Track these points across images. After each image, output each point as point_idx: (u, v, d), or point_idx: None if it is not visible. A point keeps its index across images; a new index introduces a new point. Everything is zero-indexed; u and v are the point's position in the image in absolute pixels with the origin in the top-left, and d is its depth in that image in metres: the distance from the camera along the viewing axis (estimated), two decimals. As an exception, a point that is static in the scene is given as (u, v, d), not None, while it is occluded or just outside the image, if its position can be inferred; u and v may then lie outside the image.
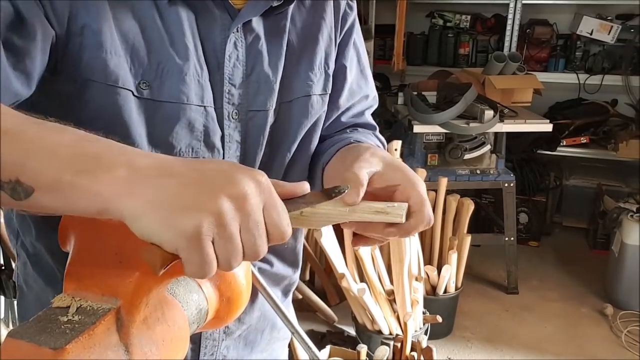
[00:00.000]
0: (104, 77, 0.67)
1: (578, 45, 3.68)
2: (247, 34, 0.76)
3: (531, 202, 3.61)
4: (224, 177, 0.49)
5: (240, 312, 0.67)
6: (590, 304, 2.96)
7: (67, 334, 0.46)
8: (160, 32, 0.69)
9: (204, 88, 0.73)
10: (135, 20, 0.68)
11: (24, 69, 0.62)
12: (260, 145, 0.79)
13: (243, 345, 0.91)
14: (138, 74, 0.69)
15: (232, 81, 0.75)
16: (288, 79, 0.80)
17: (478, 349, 2.62)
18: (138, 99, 0.69)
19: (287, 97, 0.81)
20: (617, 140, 3.45)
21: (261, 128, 0.79)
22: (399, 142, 2.45)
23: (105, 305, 0.50)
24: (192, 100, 0.72)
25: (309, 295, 2.65)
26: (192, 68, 0.71)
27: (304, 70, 0.82)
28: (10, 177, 0.48)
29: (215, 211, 0.47)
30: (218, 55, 0.74)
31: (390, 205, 0.63)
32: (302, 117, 0.83)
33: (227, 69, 0.74)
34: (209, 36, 0.73)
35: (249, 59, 0.76)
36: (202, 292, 0.62)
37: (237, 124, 0.77)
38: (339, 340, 2.55)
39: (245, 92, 0.76)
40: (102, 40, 0.66)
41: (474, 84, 2.92)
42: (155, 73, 0.69)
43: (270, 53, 0.78)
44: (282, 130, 0.81)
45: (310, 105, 0.83)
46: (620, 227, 2.93)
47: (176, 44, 0.70)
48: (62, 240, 0.58)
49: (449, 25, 3.98)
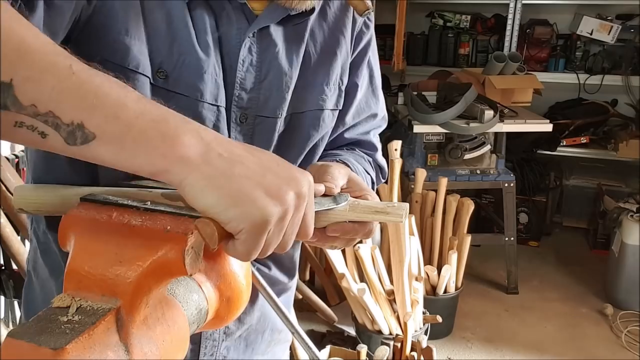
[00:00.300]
0: (123, 60, 0.67)
1: (578, 45, 3.68)
2: (263, 40, 0.76)
3: (531, 202, 3.61)
4: (287, 172, 0.53)
5: (240, 312, 0.67)
6: (590, 304, 2.96)
7: (67, 334, 0.46)
8: (188, 25, 0.70)
9: (219, 88, 0.74)
10: (164, 10, 0.69)
11: (53, 27, 0.61)
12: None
13: (244, 347, 0.91)
14: (156, 62, 0.69)
15: (244, 85, 0.75)
16: (303, 90, 0.80)
17: (478, 349, 2.62)
18: (153, 86, 0.70)
19: (299, 108, 0.81)
20: (617, 140, 3.45)
21: (269, 135, 0.79)
22: (399, 142, 2.45)
23: (105, 305, 0.50)
24: (206, 98, 0.72)
25: (309, 295, 2.65)
26: (211, 66, 0.72)
27: (319, 83, 0.82)
28: (73, 119, 0.46)
29: (285, 205, 0.50)
30: (232, 58, 0.74)
31: (391, 205, 0.63)
32: (312, 129, 0.83)
33: (239, 72, 0.75)
34: (226, 38, 0.74)
35: (264, 65, 0.76)
36: (202, 292, 0.62)
37: (243, 128, 0.77)
38: (339, 340, 2.55)
39: (256, 98, 0.77)
40: (127, 24, 0.66)
41: (474, 84, 2.92)
42: (175, 64, 0.70)
43: (286, 62, 0.78)
44: (290, 140, 0.82)
45: (322, 119, 0.83)
46: (620, 227, 2.93)
47: (200, 40, 0.71)
48: (62, 240, 0.57)
49: (449, 25, 3.98)
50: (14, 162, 1.55)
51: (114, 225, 0.54)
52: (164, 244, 0.51)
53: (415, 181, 2.63)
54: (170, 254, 0.51)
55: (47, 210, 0.69)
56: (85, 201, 0.58)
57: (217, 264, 0.62)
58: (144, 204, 0.56)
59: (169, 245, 0.51)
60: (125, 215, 0.55)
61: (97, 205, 0.57)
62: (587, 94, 3.69)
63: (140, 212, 0.55)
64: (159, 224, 0.53)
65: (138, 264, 0.51)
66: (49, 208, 0.68)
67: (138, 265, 0.51)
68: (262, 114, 0.78)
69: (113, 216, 0.55)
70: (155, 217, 0.54)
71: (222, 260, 0.62)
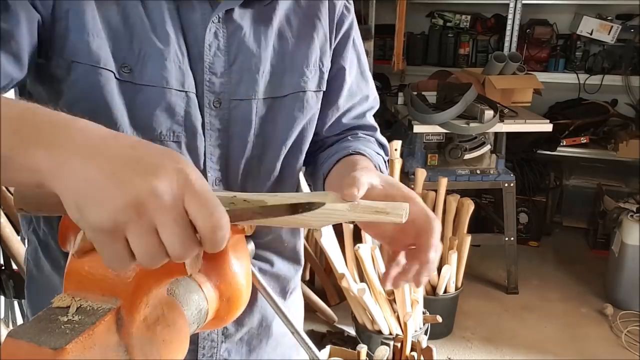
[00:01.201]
0: (87, 58, 0.70)
1: (578, 45, 3.68)
2: (229, 24, 0.77)
3: (531, 202, 3.61)
4: (142, 166, 0.44)
5: (240, 311, 0.67)
6: (590, 304, 2.96)
7: (67, 334, 0.46)
8: (142, 18, 0.72)
9: (184, 74, 0.75)
10: (118, 7, 0.71)
11: (11, 50, 0.65)
12: (247, 136, 0.81)
13: (247, 351, 0.91)
14: (120, 58, 0.71)
15: (213, 70, 0.77)
16: (283, 74, 0.82)
17: (478, 349, 2.62)
18: (119, 81, 0.72)
19: (280, 91, 0.82)
20: (617, 140, 3.45)
21: (245, 118, 0.80)
22: (399, 142, 2.45)
23: (105, 305, 0.50)
24: (172, 85, 0.74)
25: (309, 295, 2.65)
26: (172, 53, 0.73)
27: (299, 66, 0.83)
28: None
29: (122, 205, 0.43)
30: (199, 44, 0.75)
31: (391, 205, 0.63)
32: (297, 111, 0.84)
33: (207, 57, 0.76)
34: (190, 25, 0.75)
35: (231, 49, 0.77)
36: (202, 292, 0.62)
37: (219, 112, 0.78)
38: (339, 340, 2.55)
39: (228, 81, 0.78)
40: (85, 23, 0.69)
41: (474, 84, 2.92)
42: (137, 58, 0.72)
43: (254, 43, 0.79)
44: (275, 124, 0.82)
45: (306, 101, 0.84)
46: (620, 227, 2.93)
47: (157, 30, 0.73)
48: (62, 240, 0.58)
49: (449, 25, 3.98)
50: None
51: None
52: (164, 244, 0.51)
53: (415, 181, 2.63)
54: (170, 254, 0.51)
55: (48, 210, 0.68)
56: (85, 201, 0.58)
57: (217, 264, 0.62)
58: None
59: (169, 245, 0.51)
60: (125, 215, 0.55)
61: (97, 205, 0.57)
62: (587, 94, 3.68)
63: (140, 212, 0.55)
64: (159, 224, 0.53)
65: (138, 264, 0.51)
66: (49, 208, 0.68)
67: (138, 265, 0.51)
68: (236, 97, 0.79)
69: (113, 216, 0.55)
70: (155, 217, 0.54)
71: (222, 260, 0.62)
